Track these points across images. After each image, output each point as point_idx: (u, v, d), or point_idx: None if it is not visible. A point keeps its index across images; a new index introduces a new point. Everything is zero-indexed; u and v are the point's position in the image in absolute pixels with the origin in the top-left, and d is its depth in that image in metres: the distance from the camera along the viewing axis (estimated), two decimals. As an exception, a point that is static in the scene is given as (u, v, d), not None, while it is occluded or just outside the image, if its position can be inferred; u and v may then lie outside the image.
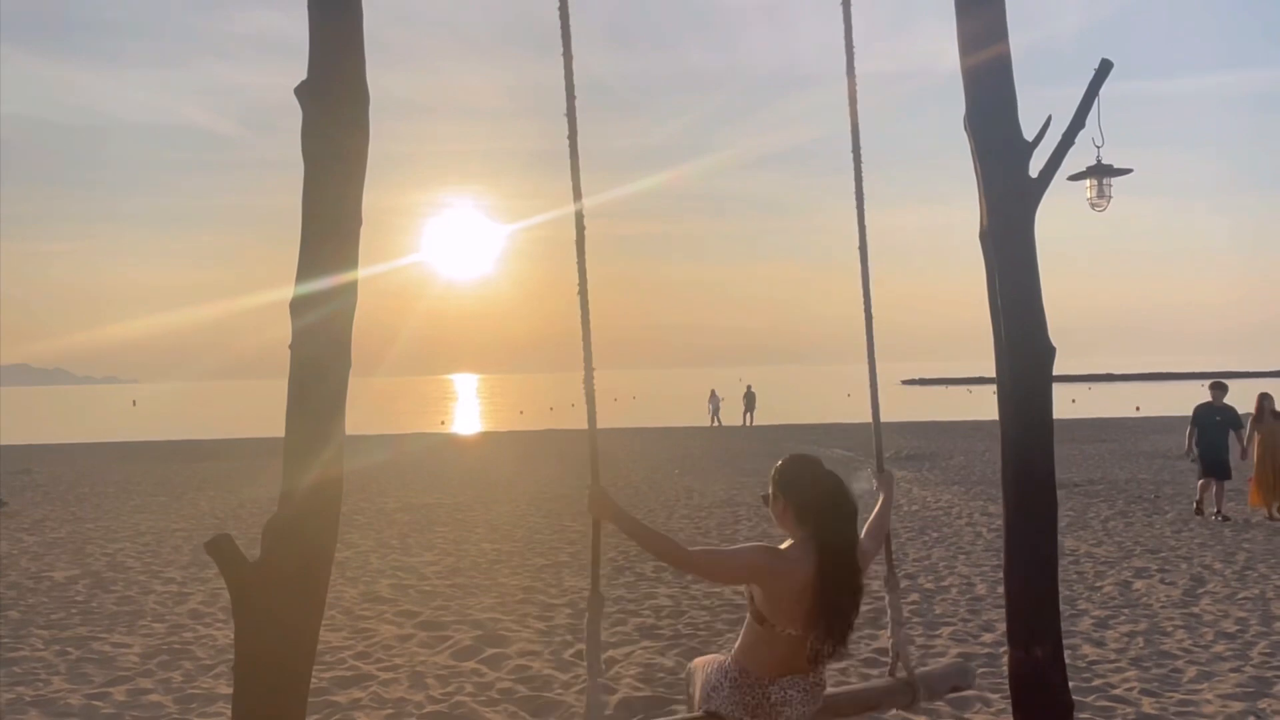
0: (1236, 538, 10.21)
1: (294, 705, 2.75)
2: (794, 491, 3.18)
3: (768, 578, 3.07)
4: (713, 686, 3.23)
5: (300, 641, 2.76)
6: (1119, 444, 24.13)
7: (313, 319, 2.69)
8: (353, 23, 2.83)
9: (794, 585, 3.06)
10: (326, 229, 2.76)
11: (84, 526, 12.61)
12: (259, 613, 2.70)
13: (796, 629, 3.08)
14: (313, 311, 2.70)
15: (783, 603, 3.08)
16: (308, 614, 2.76)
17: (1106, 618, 6.97)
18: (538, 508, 13.73)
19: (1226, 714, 4.95)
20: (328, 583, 2.86)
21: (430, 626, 6.99)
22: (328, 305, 2.72)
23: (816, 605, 3.04)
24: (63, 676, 5.87)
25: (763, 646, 3.15)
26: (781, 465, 3.25)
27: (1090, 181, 5.26)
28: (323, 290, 2.72)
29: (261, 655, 2.70)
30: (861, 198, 3.71)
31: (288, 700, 2.73)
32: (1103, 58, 3.93)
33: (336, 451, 2.76)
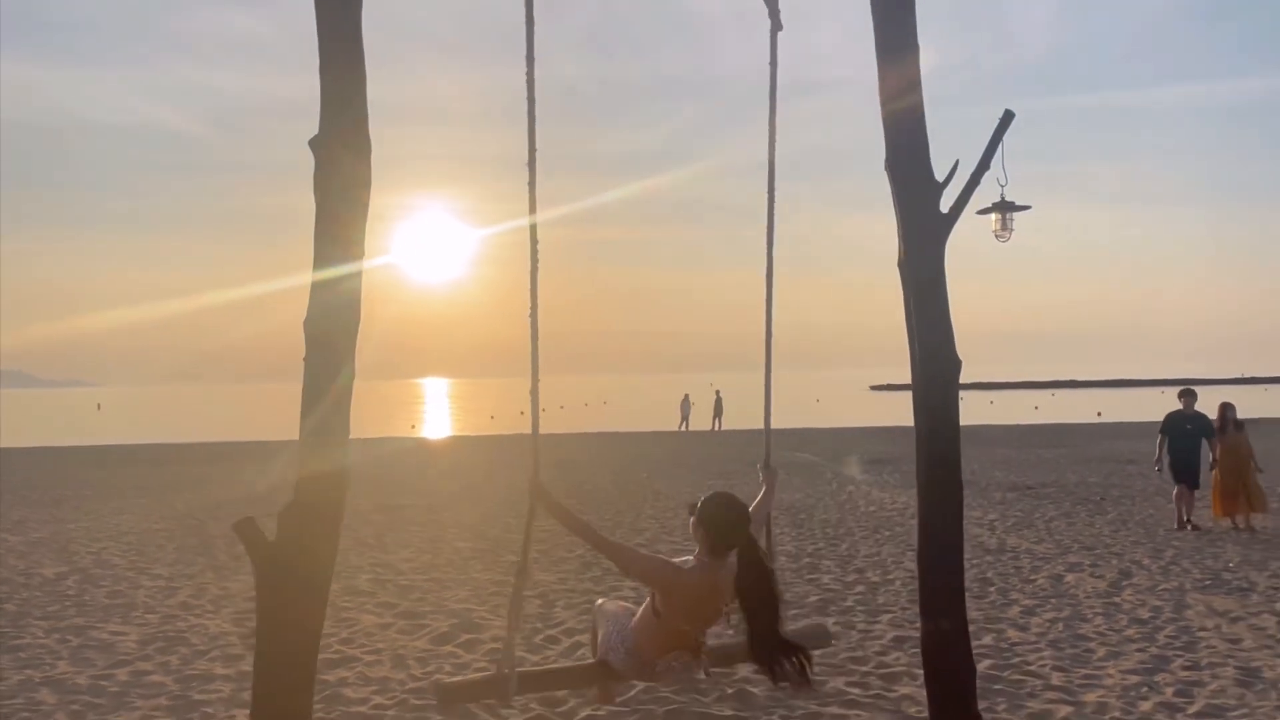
0: (1168, 537, 10.89)
1: (307, 664, 3.26)
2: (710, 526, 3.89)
3: (666, 589, 3.86)
4: (610, 646, 4.06)
5: (312, 608, 3.26)
6: (1075, 449, 24.96)
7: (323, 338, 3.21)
8: (359, 84, 3.34)
9: (688, 598, 3.84)
10: (335, 263, 3.27)
11: (66, 527, 12.94)
12: (278, 584, 3.21)
13: (686, 625, 3.89)
14: (324, 331, 3.21)
15: (677, 607, 3.87)
16: (319, 585, 3.27)
17: (1034, 606, 7.58)
18: (509, 509, 14.20)
19: (1124, 685, 5.56)
20: (335, 557, 3.37)
21: (409, 616, 7.47)
22: (336, 326, 3.24)
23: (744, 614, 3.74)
24: (66, 661, 6.31)
25: (656, 632, 3.92)
26: (707, 500, 3.97)
27: (995, 215, 5.92)
28: (331, 315, 3.24)
29: (280, 620, 3.20)
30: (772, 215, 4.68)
31: (303, 660, 3.24)
32: (1006, 109, 4.53)
33: (343, 443, 3.28)
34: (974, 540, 10.53)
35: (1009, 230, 5.77)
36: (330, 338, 3.25)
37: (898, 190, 4.37)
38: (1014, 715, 5.07)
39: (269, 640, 3.24)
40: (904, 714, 5.08)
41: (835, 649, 6.34)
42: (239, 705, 5.38)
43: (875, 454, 23.82)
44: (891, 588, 8.37)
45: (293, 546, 3.22)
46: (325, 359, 3.25)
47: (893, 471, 19.37)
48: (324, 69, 3.36)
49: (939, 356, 4.34)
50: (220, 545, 11.11)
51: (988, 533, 11.33)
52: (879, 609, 7.57)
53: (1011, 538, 10.94)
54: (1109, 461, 20.90)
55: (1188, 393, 12.33)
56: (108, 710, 5.31)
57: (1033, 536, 11.02)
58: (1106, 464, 20.36)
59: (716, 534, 3.85)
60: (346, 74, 3.34)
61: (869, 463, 21.69)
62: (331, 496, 3.31)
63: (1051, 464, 20.56)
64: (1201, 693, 5.42)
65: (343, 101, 3.33)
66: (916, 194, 4.34)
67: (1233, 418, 11.84)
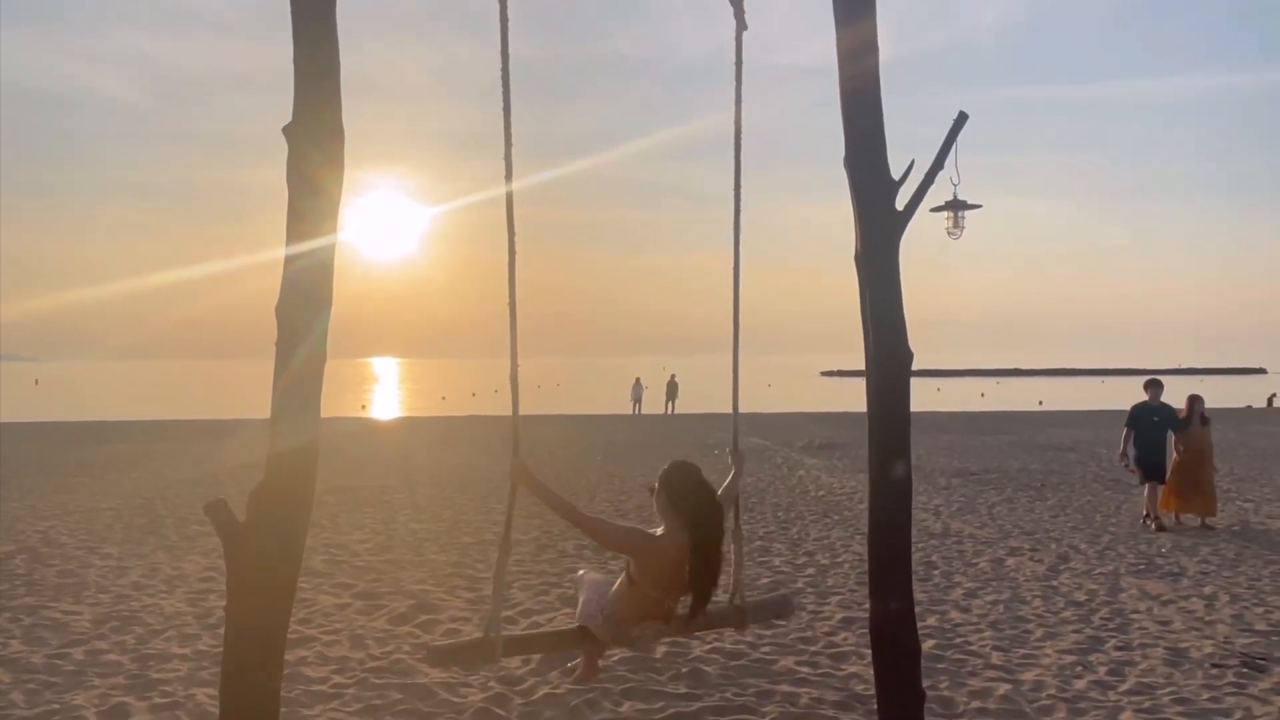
0: (1104, 523, 11.29)
1: (277, 643, 3.33)
2: (672, 489, 4.21)
3: (639, 556, 4.15)
4: (590, 614, 4.33)
5: (282, 588, 3.33)
6: (1018, 436, 25.58)
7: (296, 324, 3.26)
8: (333, 72, 3.38)
9: (661, 562, 4.12)
10: (308, 249, 3.32)
11: (9, 505, 12.72)
12: (248, 566, 3.26)
13: (657, 592, 4.17)
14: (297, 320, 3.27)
15: (649, 574, 4.14)
16: (289, 566, 3.33)
17: (976, 589, 7.85)
18: (463, 490, 14.25)
19: (1060, 664, 5.82)
20: (305, 538, 3.43)
21: (366, 596, 7.52)
22: (308, 312, 3.30)
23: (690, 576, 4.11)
24: (19, 640, 6.27)
25: (631, 600, 4.21)
26: (668, 469, 4.29)
27: (947, 214, 6.12)
28: (304, 300, 3.29)
29: (251, 601, 3.26)
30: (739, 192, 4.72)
31: (272, 639, 3.30)
32: (960, 110, 4.68)
33: (313, 424, 3.34)
34: (919, 525, 10.82)
35: (960, 228, 5.97)
36: (303, 324, 3.30)
37: (855, 187, 4.51)
38: (956, 693, 5.29)
39: (239, 619, 3.30)
40: (852, 691, 5.28)
41: (785, 629, 6.53)
42: (198, 684, 5.41)
43: (825, 439, 24.21)
44: (840, 570, 8.60)
45: (263, 528, 3.28)
46: (298, 346, 3.30)
47: (842, 457, 19.72)
48: (298, 56, 3.39)
49: (892, 349, 4.50)
50: (170, 525, 11.02)
51: (933, 517, 11.65)
52: (828, 591, 7.79)
53: (955, 522, 11.26)
54: (1050, 449, 21.48)
55: (1154, 383, 11.66)
56: (65, 689, 5.31)
57: (975, 522, 11.35)
58: (1048, 451, 20.92)
59: (679, 497, 4.16)
60: (321, 61, 3.38)
61: (819, 448, 22.04)
62: (302, 480, 3.37)
63: (995, 451, 21.07)
64: (1132, 671, 5.70)
65: (317, 88, 3.37)
66: (873, 191, 4.48)
67: (1200, 411, 11.28)
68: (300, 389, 3.33)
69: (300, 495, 3.37)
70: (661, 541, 4.15)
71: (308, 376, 3.34)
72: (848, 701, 5.13)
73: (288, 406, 3.32)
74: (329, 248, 3.37)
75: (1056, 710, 5.05)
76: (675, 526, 4.16)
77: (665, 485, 4.23)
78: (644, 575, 4.14)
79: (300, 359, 3.31)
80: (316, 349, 3.35)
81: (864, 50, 4.44)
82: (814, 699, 5.17)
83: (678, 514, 4.16)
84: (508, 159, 3.89)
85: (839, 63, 4.53)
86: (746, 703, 5.09)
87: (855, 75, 4.47)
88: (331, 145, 3.37)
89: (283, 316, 3.29)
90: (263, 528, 3.28)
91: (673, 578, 4.14)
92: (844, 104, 4.54)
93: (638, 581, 4.15)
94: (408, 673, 5.66)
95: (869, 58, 4.48)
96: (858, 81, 4.47)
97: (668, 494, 4.21)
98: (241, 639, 3.30)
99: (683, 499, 4.17)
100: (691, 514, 4.13)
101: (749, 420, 33.51)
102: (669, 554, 4.11)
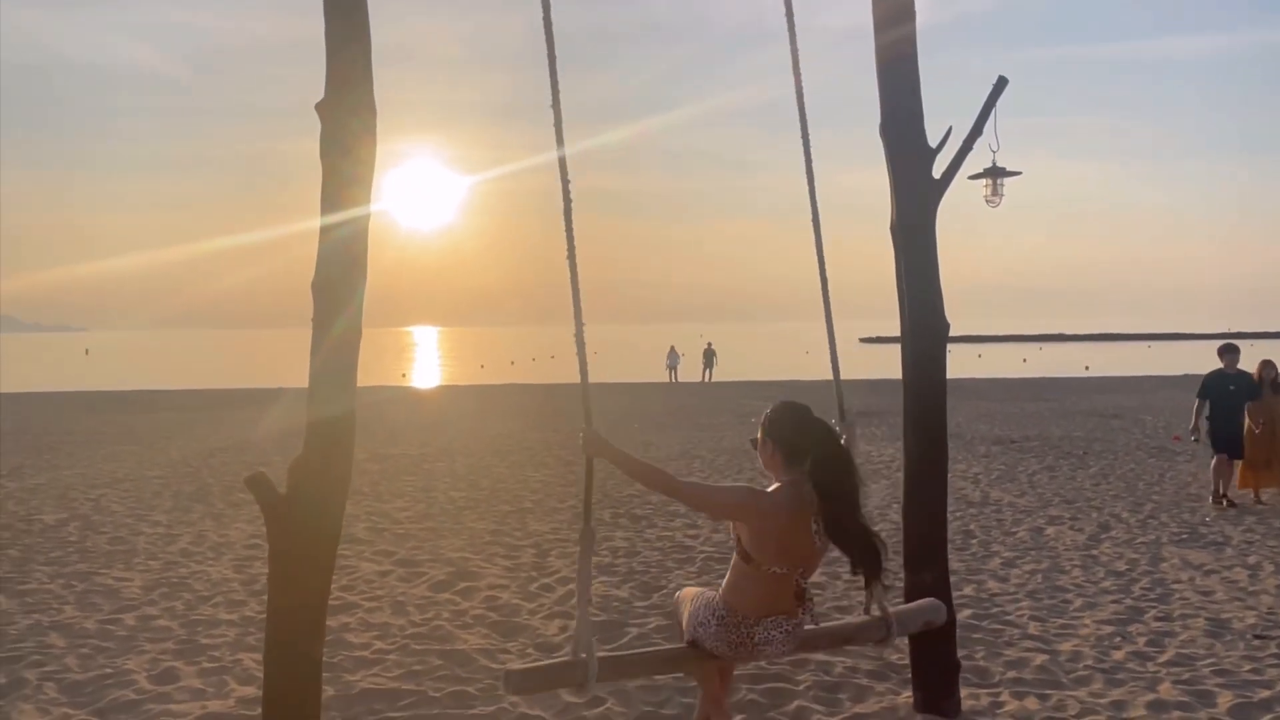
0: (1147, 491, 11.13)
1: (318, 612, 3.41)
2: (783, 435, 3.44)
3: (754, 517, 3.33)
4: (700, 621, 3.51)
5: (323, 559, 3.40)
6: (1060, 402, 25.27)
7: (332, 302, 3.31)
8: (364, 49, 3.39)
9: (779, 526, 3.31)
10: (342, 226, 3.36)
11: (62, 474, 13.06)
12: (289, 537, 3.34)
13: (781, 567, 3.33)
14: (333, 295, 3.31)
15: (768, 542, 3.32)
16: (328, 537, 3.40)
17: (1015, 558, 7.81)
18: (501, 459, 14.39)
19: (1098, 635, 5.78)
20: (344, 509, 3.50)
21: (406, 564, 7.65)
22: (343, 288, 3.33)
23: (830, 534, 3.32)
24: (73, 606, 6.47)
25: (749, 585, 3.39)
26: (771, 411, 3.52)
27: (986, 181, 6.01)
28: (340, 273, 3.33)
29: (292, 571, 3.34)
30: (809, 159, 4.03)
31: (312, 611, 3.38)
32: (1000, 75, 4.59)
33: (350, 394, 3.39)
34: (957, 493, 10.76)
35: (1000, 196, 5.86)
36: (339, 296, 3.34)
37: (892, 155, 4.46)
38: (992, 663, 5.29)
39: (281, 589, 3.38)
40: (886, 661, 5.29)
41: (821, 598, 6.55)
42: (244, 649, 5.55)
43: (863, 406, 24.08)
44: (877, 539, 8.58)
45: (303, 500, 3.34)
46: (335, 316, 3.34)
47: (880, 424, 19.61)
48: (329, 33, 3.40)
49: (929, 319, 4.46)
50: (216, 493, 11.26)
51: (971, 486, 11.57)
52: (864, 560, 7.78)
53: (994, 491, 11.18)
54: (1094, 416, 21.20)
55: (1229, 349, 10.55)
56: (117, 654, 5.48)
57: (1015, 490, 11.26)
58: (1091, 418, 20.65)
59: (792, 433, 3.43)
60: (352, 38, 3.39)
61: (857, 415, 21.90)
62: (340, 451, 3.43)
63: (1036, 418, 20.84)
64: (1172, 642, 5.65)
65: (349, 66, 3.38)
66: (910, 159, 4.42)
67: (1271, 378, 10.32)
68: (338, 359, 3.38)
69: (339, 467, 3.43)
70: (776, 494, 3.38)
71: (345, 346, 3.39)
72: (882, 671, 5.14)
73: (325, 376, 3.37)
74: (363, 219, 3.40)
75: (1094, 681, 5.02)
76: (794, 481, 3.39)
77: (773, 430, 3.47)
78: (763, 545, 3.34)
79: (337, 329, 3.36)
80: (353, 319, 3.39)
81: (901, 16, 4.37)
82: (848, 669, 5.19)
83: (796, 462, 3.39)
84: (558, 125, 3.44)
85: (875, 29, 4.46)
86: (781, 671, 5.12)
87: (892, 42, 4.40)
88: (364, 121, 3.39)
89: (319, 289, 3.34)
90: (303, 500, 3.35)
91: (798, 545, 3.35)
92: (880, 71, 4.47)
93: (755, 556, 3.35)
94: (447, 639, 5.76)
95: (906, 24, 4.40)
96: (894, 48, 4.40)
97: (777, 440, 3.45)
98: (284, 609, 3.38)
99: (799, 441, 3.40)
100: (815, 459, 3.34)
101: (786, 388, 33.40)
102: (789, 513, 3.32)
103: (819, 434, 3.42)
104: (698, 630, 3.54)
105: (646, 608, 6.37)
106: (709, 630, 3.48)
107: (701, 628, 3.52)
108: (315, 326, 3.34)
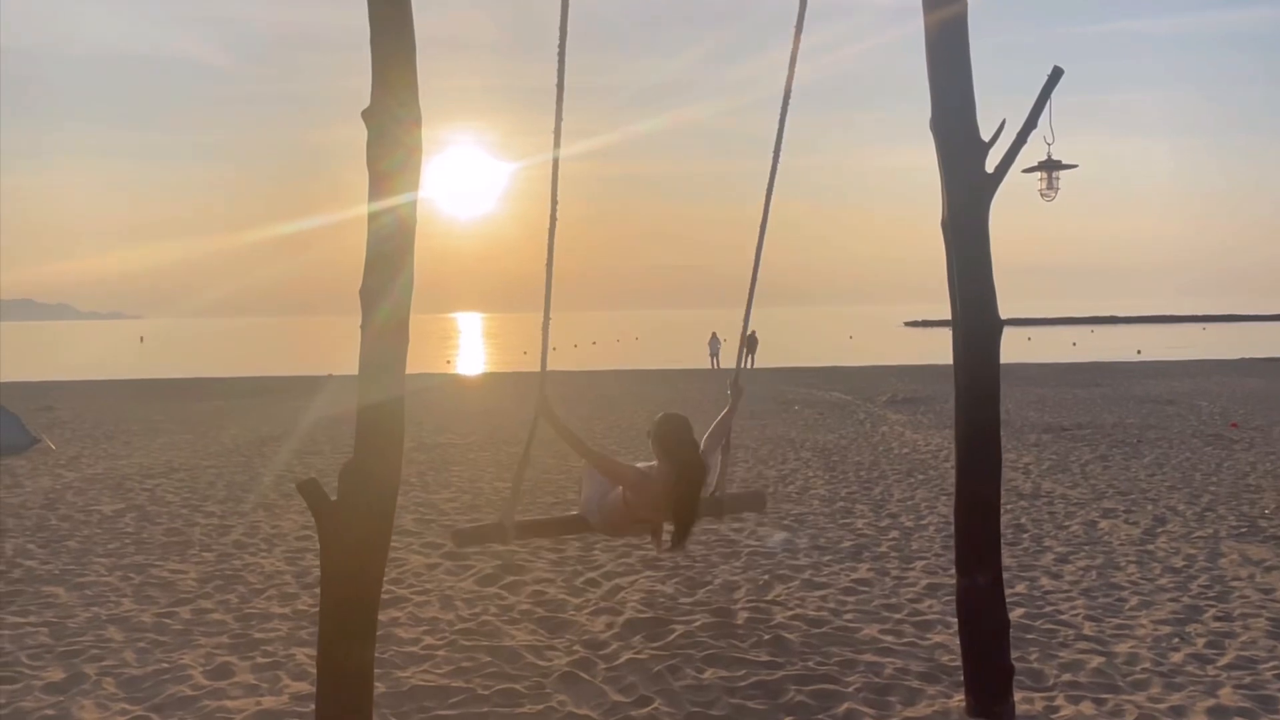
0: (1204, 482, 10.88)
1: (369, 616, 3.44)
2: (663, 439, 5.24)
3: (636, 488, 5.22)
4: (589, 510, 5.56)
5: (373, 562, 3.43)
6: (1112, 388, 24.80)
7: (381, 306, 3.31)
8: (409, 57, 3.38)
9: (653, 493, 5.20)
10: (388, 230, 3.36)
11: (118, 463, 13.36)
12: (341, 541, 3.36)
13: (647, 513, 5.32)
14: (381, 300, 3.31)
15: (643, 503, 5.25)
16: (379, 542, 3.42)
17: (1068, 553, 7.67)
18: (545, 449, 14.39)
19: (1155, 635, 5.66)
20: (394, 514, 3.52)
21: (454, 557, 7.71)
22: (392, 295, 3.34)
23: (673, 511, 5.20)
24: (130, 599, 6.61)
25: (625, 516, 5.36)
26: (659, 419, 5.33)
27: (1041, 174, 5.85)
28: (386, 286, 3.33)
29: (344, 573, 3.37)
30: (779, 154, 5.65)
31: (364, 610, 3.41)
32: (1055, 65, 4.47)
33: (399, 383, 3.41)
34: (1008, 484, 10.59)
35: (1054, 190, 5.71)
36: (385, 307, 3.35)
37: (943, 150, 4.36)
38: (1046, 665, 5.19)
39: (333, 593, 3.41)
40: (937, 662, 5.22)
41: (869, 595, 6.49)
42: (297, 644, 5.63)
43: (908, 393, 23.81)
44: (925, 534, 8.49)
45: (354, 506, 3.37)
46: (381, 326, 3.35)
47: (926, 411, 19.37)
48: (375, 40, 3.40)
49: (981, 316, 4.37)
50: (268, 483, 11.45)
51: (1022, 476, 11.39)
52: (912, 555, 7.70)
53: (1046, 482, 10.99)
54: (1147, 402, 20.77)
55: None
56: (173, 648, 5.58)
57: (1067, 481, 11.07)
58: (1145, 404, 20.24)
59: (668, 446, 5.19)
60: (397, 44, 3.38)
61: (901, 402, 21.69)
62: (390, 455, 3.45)
63: (1088, 404, 20.46)
64: (1233, 644, 5.51)
65: (394, 72, 3.38)
66: (962, 154, 4.32)
67: None
68: (385, 347, 3.39)
69: (388, 472, 3.45)
70: (652, 476, 5.22)
71: (392, 335, 3.40)
72: (933, 673, 5.08)
73: (373, 365, 3.39)
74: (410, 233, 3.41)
75: (1151, 685, 4.91)
76: (665, 467, 5.20)
77: (656, 435, 5.25)
78: (638, 500, 5.25)
79: (383, 318, 3.37)
80: (400, 309, 3.41)
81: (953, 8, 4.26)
82: (898, 669, 5.13)
83: (667, 459, 5.18)
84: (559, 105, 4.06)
85: (925, 24, 4.35)
86: (829, 672, 5.08)
87: (942, 35, 4.30)
88: (410, 129, 3.38)
89: (367, 302, 3.35)
90: (353, 506, 3.37)
91: (660, 505, 5.21)
92: (930, 62, 4.37)
93: (632, 504, 5.26)
94: (495, 635, 5.80)
95: (958, 17, 4.29)
96: (945, 42, 4.30)
97: (658, 442, 5.23)
98: (336, 611, 3.41)
99: (670, 448, 5.17)
100: (677, 463, 5.14)
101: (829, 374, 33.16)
102: (658, 488, 5.18)
103: (683, 452, 5.20)
104: (588, 513, 5.61)
105: (692, 604, 6.35)
106: (594, 518, 5.58)
107: (590, 514, 5.59)
108: (364, 337, 3.36)
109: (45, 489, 11.18)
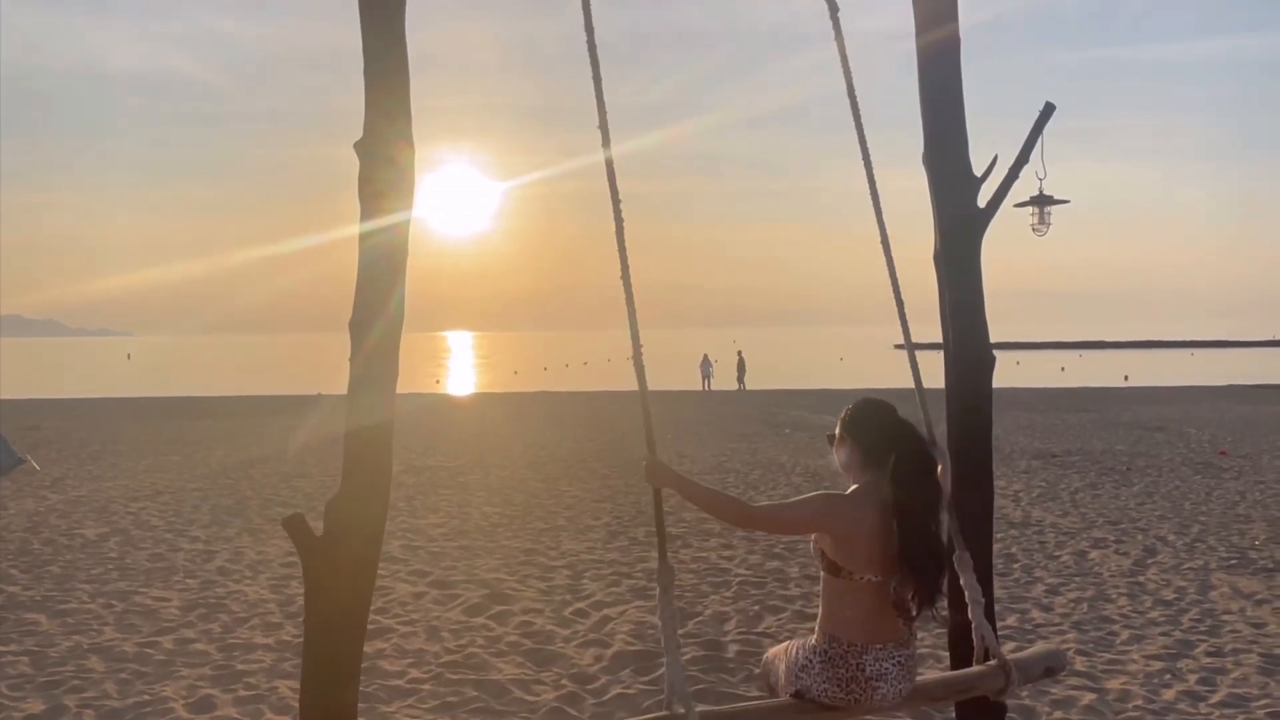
0: (1194, 511, 10.87)
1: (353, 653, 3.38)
2: (863, 431, 3.20)
3: (836, 523, 3.06)
4: (801, 666, 3.16)
5: (359, 601, 3.36)
6: (1101, 414, 24.84)
7: (370, 335, 3.28)
8: (403, 90, 3.36)
9: (868, 526, 3.03)
10: (379, 263, 3.33)
11: (103, 485, 13.24)
12: (326, 579, 3.30)
13: (876, 574, 3.04)
14: (370, 330, 3.28)
15: (856, 547, 3.04)
16: (365, 578, 3.37)
17: (1059, 585, 7.64)
18: (535, 472, 14.37)
19: (1147, 672, 5.62)
20: (379, 551, 3.47)
21: (441, 585, 7.64)
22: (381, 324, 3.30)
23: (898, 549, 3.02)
24: (112, 627, 6.51)
25: (847, 601, 3.09)
26: (852, 408, 3.29)
27: (1032, 209, 5.88)
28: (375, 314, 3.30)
29: (328, 612, 3.31)
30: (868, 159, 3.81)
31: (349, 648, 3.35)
32: (1046, 101, 4.48)
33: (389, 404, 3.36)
34: (999, 513, 10.55)
35: (1046, 224, 5.74)
36: (374, 340, 3.31)
37: (935, 184, 4.35)
38: (1038, 701, 5.16)
39: (318, 630, 3.35)
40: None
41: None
42: (280, 675, 5.55)
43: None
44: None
45: (340, 543, 3.32)
46: (370, 354, 3.32)
47: (917, 436, 19.37)
48: (368, 72, 3.38)
49: (973, 352, 4.35)
50: (254, 507, 11.35)
51: (1013, 504, 11.37)
52: (903, 585, 7.65)
53: (1036, 510, 10.98)
54: (1136, 428, 20.80)
55: None
56: (155, 679, 5.50)
57: (1057, 509, 11.05)
58: (1134, 430, 20.26)
59: (873, 439, 3.18)
60: (391, 77, 3.36)
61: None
62: (376, 492, 3.40)
63: (1077, 430, 20.49)
64: (1225, 680, 5.48)
65: (388, 105, 3.35)
66: (954, 189, 4.31)
67: None
68: (374, 376, 3.35)
69: (375, 507, 3.40)
70: (859, 497, 3.12)
71: (381, 362, 3.36)
72: (924, 712, 5.03)
73: (361, 395, 3.34)
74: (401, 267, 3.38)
75: (1144, 722, 4.88)
76: (872, 481, 3.14)
77: (852, 427, 3.23)
78: (851, 551, 3.05)
79: (374, 380, 3.33)
80: (389, 337, 3.37)
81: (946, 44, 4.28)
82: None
83: (874, 463, 3.15)
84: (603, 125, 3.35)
85: (918, 60, 4.37)
86: (820, 707, 5.02)
87: (935, 74, 4.31)
88: (403, 161, 3.36)
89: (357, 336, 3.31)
90: (340, 543, 3.31)
91: (888, 547, 3.04)
92: (923, 102, 4.38)
93: (844, 564, 3.07)
94: (482, 668, 5.73)
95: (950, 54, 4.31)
96: (937, 78, 4.31)
97: (855, 437, 3.21)
98: (320, 651, 3.34)
99: (878, 441, 3.16)
100: (898, 460, 3.10)
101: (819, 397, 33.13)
102: (875, 510, 3.06)
103: (902, 434, 3.17)
104: (800, 678, 3.15)
105: (682, 636, 6.29)
106: (813, 673, 3.11)
107: (804, 673, 3.14)
108: (353, 369, 3.31)
109: (29, 511, 11.06)
